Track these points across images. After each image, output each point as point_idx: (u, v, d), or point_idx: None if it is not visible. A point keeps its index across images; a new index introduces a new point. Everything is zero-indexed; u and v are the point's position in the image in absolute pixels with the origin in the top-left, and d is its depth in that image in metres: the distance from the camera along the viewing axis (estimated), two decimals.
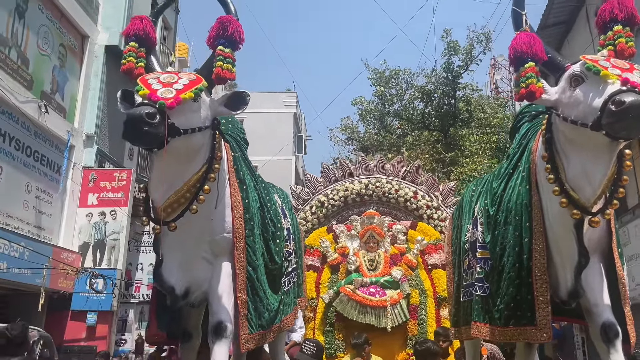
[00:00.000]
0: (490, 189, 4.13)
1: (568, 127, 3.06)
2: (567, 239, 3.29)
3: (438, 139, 20.10)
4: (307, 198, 8.23)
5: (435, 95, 20.75)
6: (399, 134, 21.68)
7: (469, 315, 4.25)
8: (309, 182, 8.43)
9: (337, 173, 8.43)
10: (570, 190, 3.12)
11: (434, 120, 21.02)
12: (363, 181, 8.18)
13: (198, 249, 3.45)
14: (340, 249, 7.59)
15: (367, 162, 8.52)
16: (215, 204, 3.38)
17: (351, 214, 8.06)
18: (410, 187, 8.12)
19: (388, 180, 8.17)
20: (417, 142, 19.87)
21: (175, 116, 2.90)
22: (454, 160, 18.55)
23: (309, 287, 7.09)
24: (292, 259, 4.56)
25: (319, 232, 7.84)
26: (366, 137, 22.29)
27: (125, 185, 13.37)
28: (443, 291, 7.00)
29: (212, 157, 3.29)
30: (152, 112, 2.74)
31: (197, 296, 3.48)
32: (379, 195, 8.10)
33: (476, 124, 20.30)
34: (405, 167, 8.43)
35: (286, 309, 4.17)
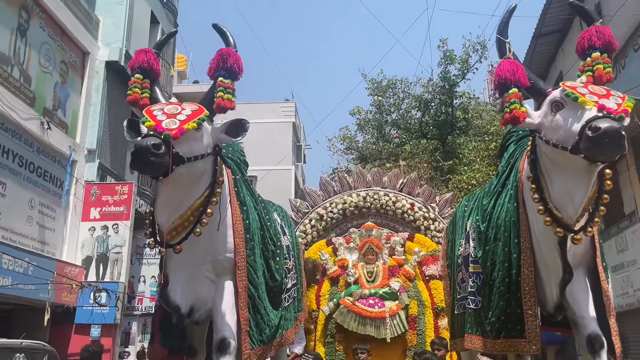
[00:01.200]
0: (481, 205, 4.31)
1: (550, 149, 3.24)
2: (552, 255, 3.47)
3: (436, 148, 20.28)
4: (306, 211, 8.40)
5: (432, 104, 20.96)
6: (397, 143, 21.87)
7: (463, 327, 4.42)
8: (308, 195, 8.61)
9: (336, 186, 8.60)
10: (553, 209, 3.30)
11: (431, 129, 21.22)
12: (361, 194, 8.36)
13: (201, 269, 3.64)
14: (339, 261, 7.75)
15: (364, 175, 8.70)
16: (217, 226, 3.57)
17: (350, 226, 8.23)
18: (408, 199, 8.29)
19: (385, 193, 8.35)
20: (415, 150, 20.05)
21: (179, 145, 3.10)
22: (452, 169, 18.72)
23: (310, 299, 7.26)
24: (292, 275, 4.73)
25: (319, 245, 8.01)
26: (364, 146, 22.48)
27: (127, 199, 13.55)
28: (441, 302, 7.16)
29: (214, 181, 3.49)
30: (157, 143, 2.93)
31: (202, 314, 3.67)
32: (376, 207, 8.27)
33: (474, 131, 20.48)
34: (402, 179, 8.61)
35: (287, 324, 4.34)
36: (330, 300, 7.43)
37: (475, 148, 18.62)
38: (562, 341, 13.76)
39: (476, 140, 19.37)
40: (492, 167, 17.32)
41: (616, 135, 2.82)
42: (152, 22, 15.85)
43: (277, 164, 22.70)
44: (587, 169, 3.15)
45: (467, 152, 18.52)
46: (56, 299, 10.86)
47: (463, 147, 19.06)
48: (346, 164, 23.77)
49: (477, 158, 18.05)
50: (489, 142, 18.66)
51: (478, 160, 17.96)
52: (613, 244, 11.86)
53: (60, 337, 11.34)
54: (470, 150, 18.55)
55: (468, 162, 18.04)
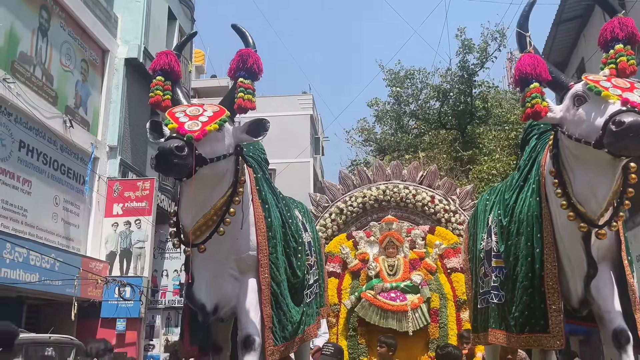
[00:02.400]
0: (502, 199, 4.29)
1: (573, 144, 3.22)
2: (576, 250, 3.45)
3: (455, 138, 20.14)
4: (326, 205, 8.44)
5: (451, 94, 20.79)
6: (416, 134, 21.76)
7: (487, 321, 4.41)
8: (328, 189, 8.64)
9: (355, 179, 8.62)
10: (577, 204, 3.28)
11: (450, 119, 21.06)
12: (380, 187, 8.37)
13: (225, 267, 3.69)
14: (360, 255, 7.78)
15: (384, 168, 8.69)
16: (240, 224, 3.61)
17: (370, 220, 8.25)
18: (428, 192, 8.28)
19: (405, 186, 8.35)
20: (434, 141, 19.94)
21: (201, 147, 3.14)
22: (472, 159, 18.58)
23: (331, 293, 7.31)
24: (314, 271, 4.77)
25: (339, 239, 8.05)
26: (383, 138, 22.40)
27: (149, 195, 13.73)
28: (463, 294, 7.15)
29: (236, 181, 3.53)
30: (180, 145, 2.98)
31: (226, 311, 3.73)
32: (396, 200, 8.28)
33: (494, 120, 20.29)
34: (422, 172, 8.59)
35: (308, 320, 4.38)
36: (351, 294, 7.48)
37: (495, 137, 18.46)
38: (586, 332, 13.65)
39: (496, 130, 19.19)
40: (513, 157, 17.15)
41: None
42: (169, 18, 15.95)
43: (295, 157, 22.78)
44: (611, 163, 3.12)
45: (487, 141, 18.37)
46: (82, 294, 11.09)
47: (483, 136, 18.91)
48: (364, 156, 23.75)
49: (497, 147, 17.90)
50: (509, 131, 18.46)
51: (498, 149, 17.81)
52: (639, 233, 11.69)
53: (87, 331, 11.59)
54: (490, 139, 18.40)
55: (488, 152, 17.90)
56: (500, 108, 20.51)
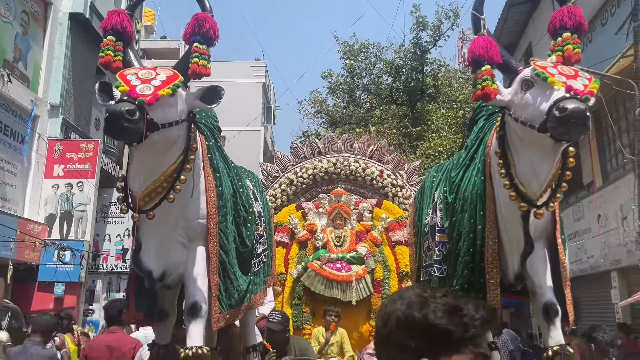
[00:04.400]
0: (449, 177, 4.43)
1: (519, 126, 3.35)
2: (515, 228, 3.63)
3: (405, 114, 20.45)
4: (276, 176, 8.44)
5: (403, 70, 21.00)
6: (368, 108, 21.95)
7: None
8: (279, 159, 8.63)
9: (306, 151, 8.63)
10: (519, 184, 3.43)
11: (401, 95, 21.32)
12: (331, 160, 8.42)
13: (174, 235, 3.67)
14: (308, 225, 7.86)
15: (335, 141, 8.74)
16: (191, 192, 3.59)
17: (319, 191, 8.32)
18: (377, 166, 8.40)
19: (355, 159, 8.43)
20: (384, 116, 20.17)
21: (153, 112, 3.08)
22: (420, 135, 18.95)
23: (278, 262, 7.37)
24: (263, 240, 4.80)
25: (288, 209, 8.09)
26: (335, 110, 22.48)
27: (92, 157, 13.32)
28: (406, 266, 7.36)
29: (187, 148, 3.49)
30: (132, 109, 2.92)
31: (174, 278, 3.72)
32: (346, 173, 8.36)
33: (443, 98, 20.69)
34: (372, 146, 8.69)
35: (255, 289, 4.43)
36: (298, 264, 7.57)
37: (444, 115, 18.87)
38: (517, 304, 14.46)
39: (445, 108, 19.60)
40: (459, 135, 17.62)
41: (582, 116, 2.93)
42: None
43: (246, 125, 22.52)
44: (553, 147, 3.27)
45: (435, 119, 18.75)
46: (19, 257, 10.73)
47: (432, 114, 19.28)
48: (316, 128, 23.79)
49: (445, 125, 18.32)
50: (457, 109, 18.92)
51: (446, 127, 18.24)
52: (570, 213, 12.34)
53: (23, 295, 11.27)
54: (438, 117, 18.79)
55: (436, 129, 18.29)
56: (450, 87, 20.93)
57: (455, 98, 19.44)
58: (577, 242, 12.00)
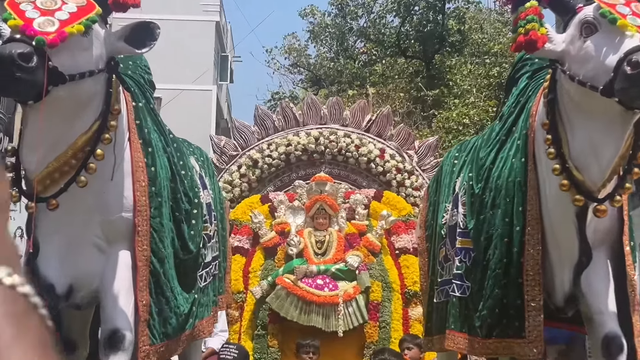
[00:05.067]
0: (476, 158, 4.46)
1: (575, 88, 3.37)
2: (566, 230, 3.67)
3: (418, 71, 20.48)
4: (234, 154, 8.43)
5: (416, 8, 21.00)
6: (365, 62, 21.92)
7: (444, 320, 4.64)
8: (237, 131, 8.61)
9: (277, 120, 8.63)
10: (573, 169, 3.47)
11: (413, 44, 21.34)
12: (312, 133, 8.43)
13: (87, 234, 3.65)
14: (278, 225, 7.87)
15: (318, 107, 8.75)
16: (111, 174, 3.57)
17: (294, 177, 8.34)
18: (376, 143, 8.44)
19: (346, 133, 8.45)
20: (389, 73, 20.15)
21: (58, 57, 3.05)
22: (438, 101, 18.99)
23: (235, 276, 7.38)
24: (213, 244, 4.81)
25: (250, 202, 8.09)
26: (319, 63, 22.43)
27: None
28: (414, 284, 7.43)
29: (106, 110, 3.47)
30: (27, 52, 2.88)
31: (85, 296, 3.71)
32: (333, 152, 8.39)
33: (471, 50, 20.74)
34: (370, 115, 8.71)
35: (202, 312, 4.45)
36: (263, 279, 7.59)
37: (472, 73, 18.91)
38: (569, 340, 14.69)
39: (473, 63, 19.64)
40: (493, 102, 17.72)
41: None
42: None
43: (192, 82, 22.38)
44: (622, 118, 3.30)
45: (460, 78, 18.79)
46: None
47: (455, 71, 19.31)
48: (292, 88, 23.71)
49: (474, 87, 18.37)
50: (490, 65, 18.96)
51: (474, 90, 18.28)
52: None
53: None
54: (464, 76, 18.82)
55: (461, 93, 18.34)
56: (482, 33, 20.96)
57: (489, 49, 19.47)
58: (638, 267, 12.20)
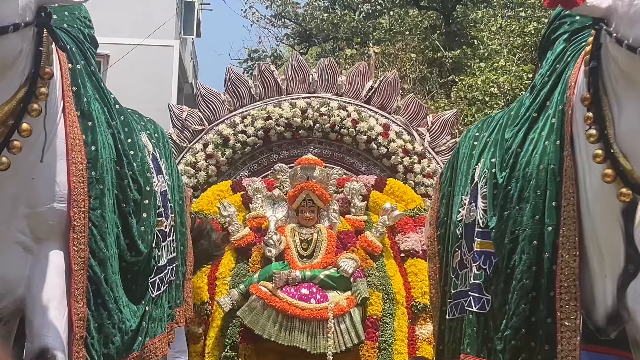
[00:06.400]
0: (501, 139, 4.48)
1: (624, 54, 3.40)
2: (610, 232, 3.70)
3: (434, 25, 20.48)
4: (199, 129, 8.43)
5: None
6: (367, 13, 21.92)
7: (458, 342, 4.68)
8: (204, 100, 8.60)
9: (254, 87, 8.63)
10: (619, 155, 3.49)
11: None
12: (298, 103, 8.43)
13: (9, 229, 3.69)
14: (253, 220, 7.90)
15: (307, 70, 8.74)
16: (40, 154, 3.59)
17: (275, 160, 8.36)
18: (379, 118, 8.45)
19: (341, 104, 8.45)
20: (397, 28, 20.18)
21: None
22: (459, 65, 19.01)
23: (199, 283, 7.42)
24: (169, 243, 4.85)
25: (219, 189, 8.11)
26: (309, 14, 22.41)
27: None
28: (423, 295, 7.47)
29: (35, 74, 3.50)
30: None
31: (6, 306, 3.76)
32: (324, 128, 8.40)
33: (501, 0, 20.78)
34: (371, 82, 8.72)
35: (154, 328, 4.50)
36: (234, 287, 7.61)
37: (503, 30, 18.94)
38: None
39: (504, 17, 19.68)
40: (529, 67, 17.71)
41: None
42: None
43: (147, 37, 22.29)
44: None
45: (487, 36, 18.80)
46: None
47: (482, 26, 19.34)
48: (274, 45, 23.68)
49: (505, 48, 18.39)
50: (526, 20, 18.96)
51: (505, 52, 18.30)
52: None
53: None
54: (493, 33, 18.85)
55: (488, 55, 18.37)
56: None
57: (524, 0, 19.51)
58: None
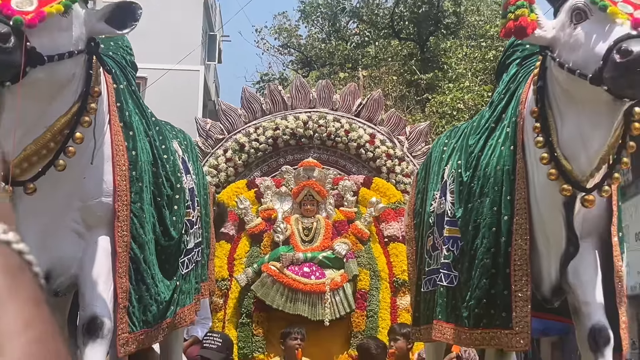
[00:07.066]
0: (465, 145, 4.50)
1: (564, 75, 3.41)
2: (554, 220, 3.72)
3: (412, 53, 20.48)
4: (220, 137, 8.46)
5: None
6: (357, 43, 21.92)
7: (431, 310, 4.70)
8: (224, 114, 8.63)
9: (265, 103, 8.66)
10: (561, 158, 3.51)
11: (407, 26, 21.35)
12: (301, 117, 8.46)
13: (65, 219, 3.69)
14: (264, 211, 7.93)
15: (307, 90, 8.77)
16: (90, 157, 3.60)
17: (282, 162, 8.38)
18: (367, 128, 8.47)
19: (336, 117, 8.48)
20: (382, 55, 20.18)
21: (36, 37, 3.07)
22: (432, 85, 19.04)
23: (220, 263, 7.43)
24: (196, 230, 4.84)
25: (236, 187, 8.13)
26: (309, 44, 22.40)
27: None
28: (402, 273, 7.49)
29: (86, 92, 3.50)
30: (4, 32, 2.90)
31: (63, 282, 3.75)
32: (322, 137, 8.42)
33: (467, 32, 20.77)
34: (360, 99, 8.75)
35: (184, 299, 4.49)
36: (248, 266, 7.64)
37: (468, 57, 18.94)
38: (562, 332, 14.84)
39: (469, 46, 19.67)
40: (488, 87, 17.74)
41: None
42: None
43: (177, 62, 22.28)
44: (611, 107, 3.34)
45: (455, 62, 18.81)
46: None
47: (450, 54, 19.33)
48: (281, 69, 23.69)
49: (469, 72, 18.40)
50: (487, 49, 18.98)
51: (469, 74, 18.31)
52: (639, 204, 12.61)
53: None
54: (459, 59, 18.85)
55: (455, 77, 18.38)
56: (478, 15, 20.99)
57: (485, 32, 19.50)
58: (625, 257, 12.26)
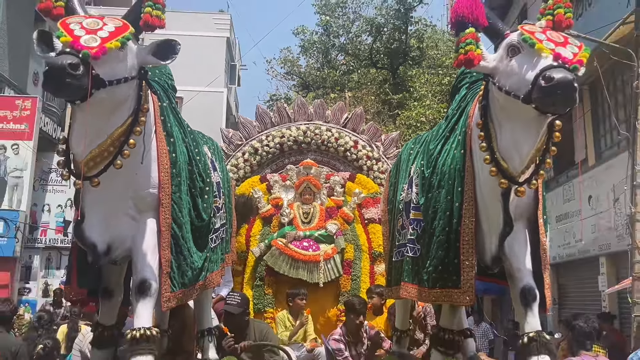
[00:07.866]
0: (427, 149, 4.53)
1: (502, 96, 3.45)
2: (494, 206, 3.75)
3: (386, 79, 20.54)
4: (239, 143, 8.46)
5: (385, 29, 21.02)
6: (344, 71, 21.96)
7: (400, 275, 4.73)
8: (242, 125, 8.64)
9: (274, 117, 8.67)
10: (500, 159, 3.55)
11: (382, 57, 21.38)
12: (301, 127, 8.47)
13: (122, 205, 3.70)
14: (273, 200, 7.94)
15: (306, 107, 8.78)
16: (141, 158, 3.61)
17: (287, 162, 8.39)
18: (351, 136, 8.49)
19: (328, 128, 8.49)
20: (363, 80, 20.24)
21: (99, 66, 3.08)
22: (401, 103, 19.09)
23: (240, 239, 7.46)
24: (221, 214, 4.86)
25: (252, 181, 8.14)
26: (307, 72, 22.42)
27: (30, 116, 13.06)
28: (379, 246, 7.52)
29: (138, 108, 3.51)
30: (75, 62, 2.92)
31: (120, 253, 3.76)
32: (317, 143, 8.43)
33: (428, 63, 20.82)
34: (346, 114, 8.77)
35: (212, 266, 4.50)
36: (261, 242, 7.66)
37: (428, 82, 19.00)
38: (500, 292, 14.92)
39: (429, 73, 19.73)
40: (444, 104, 17.80)
41: (568, 87, 3.04)
42: None
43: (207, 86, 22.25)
44: (537, 120, 3.39)
45: (418, 85, 18.88)
46: None
47: (415, 79, 19.40)
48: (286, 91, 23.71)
49: (429, 93, 18.46)
50: (442, 75, 19.04)
51: (430, 95, 18.38)
52: (560, 193, 12.67)
53: None
54: (422, 83, 18.92)
55: (419, 97, 18.44)
56: (436, 50, 21.02)
57: (441, 63, 19.55)
58: (566, 224, 12.36)
